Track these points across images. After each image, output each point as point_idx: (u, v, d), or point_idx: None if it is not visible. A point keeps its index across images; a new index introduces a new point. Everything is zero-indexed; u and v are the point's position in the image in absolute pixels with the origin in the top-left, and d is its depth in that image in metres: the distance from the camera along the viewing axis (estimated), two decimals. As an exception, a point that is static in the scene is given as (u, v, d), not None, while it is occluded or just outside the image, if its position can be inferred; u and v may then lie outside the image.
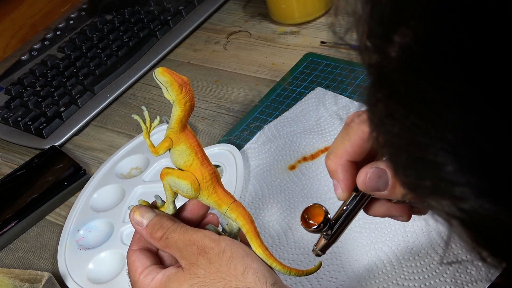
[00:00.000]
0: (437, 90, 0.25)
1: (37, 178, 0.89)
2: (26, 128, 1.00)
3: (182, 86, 0.49)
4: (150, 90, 1.03)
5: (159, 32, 1.10)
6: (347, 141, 0.48)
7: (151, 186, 0.82)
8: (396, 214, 0.50)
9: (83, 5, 1.28)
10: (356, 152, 0.48)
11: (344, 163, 0.48)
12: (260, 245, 0.51)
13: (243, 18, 1.12)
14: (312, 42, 1.00)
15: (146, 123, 0.53)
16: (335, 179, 0.49)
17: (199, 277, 0.48)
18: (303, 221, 0.49)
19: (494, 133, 0.24)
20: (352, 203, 0.49)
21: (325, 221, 0.48)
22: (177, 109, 0.50)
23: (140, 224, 0.52)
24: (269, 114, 0.89)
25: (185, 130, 0.51)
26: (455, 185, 0.26)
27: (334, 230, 0.50)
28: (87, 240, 0.79)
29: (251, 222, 0.51)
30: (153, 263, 0.52)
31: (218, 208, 0.52)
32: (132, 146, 0.90)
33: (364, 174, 0.46)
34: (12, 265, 0.81)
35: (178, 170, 0.51)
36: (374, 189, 0.47)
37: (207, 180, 0.51)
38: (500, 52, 0.24)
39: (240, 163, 0.80)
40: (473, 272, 0.61)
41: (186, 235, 0.50)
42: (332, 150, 0.49)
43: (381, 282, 0.64)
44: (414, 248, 0.65)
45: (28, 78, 1.10)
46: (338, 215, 0.50)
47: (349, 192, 0.49)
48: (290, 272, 0.51)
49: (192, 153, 0.51)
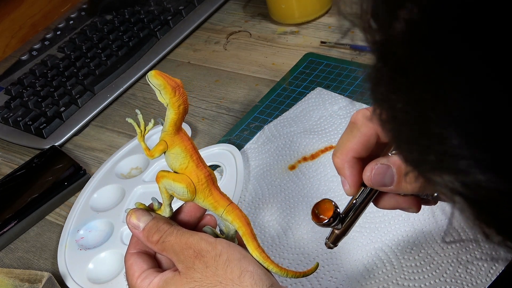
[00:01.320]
0: (443, 62, 0.25)
1: (37, 178, 0.89)
2: (26, 128, 1.00)
3: (175, 89, 0.49)
4: (150, 90, 1.03)
5: (159, 32, 1.10)
6: (353, 138, 0.49)
7: (151, 186, 0.82)
8: (405, 206, 0.51)
9: (83, 5, 1.28)
10: (362, 149, 0.49)
11: (350, 160, 0.49)
12: (257, 248, 0.51)
13: (243, 18, 1.12)
14: (312, 42, 1.00)
15: (141, 127, 0.53)
16: (342, 175, 0.50)
17: (195, 281, 0.48)
18: (314, 216, 0.50)
19: (500, 106, 0.24)
20: (362, 197, 0.51)
21: (335, 215, 0.50)
22: (171, 112, 0.50)
23: (136, 228, 0.52)
24: (269, 114, 0.89)
25: (180, 133, 0.51)
26: (459, 158, 0.25)
27: (345, 223, 0.51)
28: (87, 240, 0.79)
29: (248, 224, 0.51)
30: (150, 267, 0.52)
31: (214, 211, 0.52)
32: (132, 146, 0.90)
33: (369, 170, 0.48)
34: (12, 265, 0.81)
35: (174, 173, 0.51)
36: (380, 185, 0.48)
37: (202, 182, 0.51)
38: (507, 24, 0.23)
39: (240, 163, 0.80)
40: (473, 272, 0.61)
41: (183, 239, 0.50)
42: (339, 147, 0.50)
43: (381, 282, 0.64)
44: (414, 248, 0.65)
45: (28, 78, 1.10)
46: (348, 209, 0.51)
47: (356, 187, 0.50)
48: (287, 274, 0.51)
49: (187, 155, 0.51)
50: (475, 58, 0.24)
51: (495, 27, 0.24)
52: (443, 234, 0.64)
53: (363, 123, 0.49)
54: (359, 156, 0.49)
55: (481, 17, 0.24)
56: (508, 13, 0.23)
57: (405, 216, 0.68)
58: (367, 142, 0.49)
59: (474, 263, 0.62)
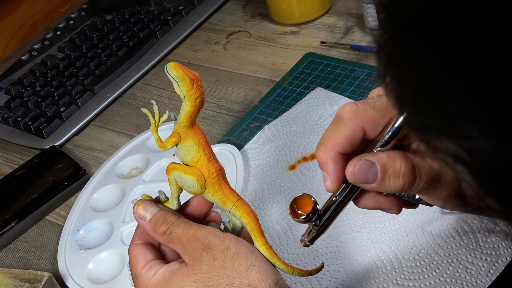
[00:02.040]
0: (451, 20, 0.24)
1: (37, 178, 0.89)
2: (26, 128, 1.00)
3: (193, 81, 0.49)
4: (150, 90, 1.03)
5: (159, 32, 1.10)
6: (338, 133, 0.48)
7: (151, 186, 0.82)
8: (386, 207, 0.50)
9: (83, 5, 1.28)
10: (347, 144, 0.47)
11: (334, 155, 0.48)
12: (264, 243, 0.51)
13: (243, 18, 1.12)
14: (312, 42, 1.00)
15: (155, 117, 0.52)
16: (325, 170, 0.48)
17: (202, 273, 0.48)
18: (292, 211, 0.48)
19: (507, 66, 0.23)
20: (342, 194, 0.49)
21: (313, 211, 0.48)
22: (187, 104, 0.50)
23: (143, 218, 0.51)
24: (269, 114, 0.89)
25: (194, 126, 0.51)
26: (463, 121, 0.25)
27: (322, 221, 0.49)
28: (87, 240, 0.79)
29: (256, 220, 0.51)
30: (155, 258, 0.51)
31: (223, 205, 0.52)
32: (132, 146, 0.90)
33: (353, 166, 0.46)
34: (12, 265, 0.81)
35: (185, 165, 0.51)
36: (363, 181, 0.46)
37: (213, 176, 0.51)
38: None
39: (240, 163, 0.80)
40: (473, 272, 0.61)
41: (190, 231, 0.50)
42: (323, 141, 0.48)
43: (381, 282, 0.64)
44: (414, 248, 0.65)
45: (28, 78, 1.10)
46: (327, 206, 0.49)
47: (338, 184, 0.48)
48: (293, 271, 0.51)
49: (200, 149, 0.50)
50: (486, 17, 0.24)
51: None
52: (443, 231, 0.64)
53: (350, 118, 0.47)
54: (344, 152, 0.48)
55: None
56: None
57: (405, 216, 0.68)
58: (353, 137, 0.47)
59: (474, 263, 0.62)
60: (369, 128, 0.47)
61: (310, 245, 0.51)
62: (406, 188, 0.46)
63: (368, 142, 0.48)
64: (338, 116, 0.48)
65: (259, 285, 0.47)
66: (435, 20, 0.25)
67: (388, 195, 0.50)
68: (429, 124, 0.27)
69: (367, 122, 0.47)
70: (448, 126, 0.26)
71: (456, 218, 0.66)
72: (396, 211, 0.50)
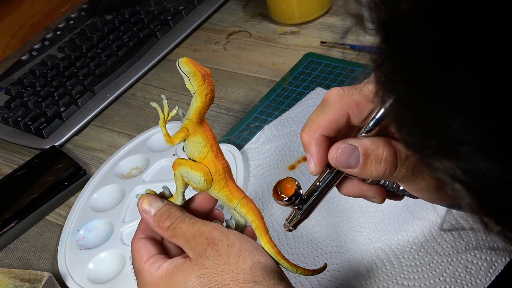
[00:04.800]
0: (449, 43, 0.25)
1: (37, 178, 0.89)
2: (26, 128, 1.00)
3: (205, 77, 0.49)
4: (150, 90, 1.03)
5: (159, 32, 1.10)
6: (323, 115, 0.48)
7: (151, 186, 0.82)
8: (369, 195, 0.50)
9: (83, 5, 1.28)
10: (331, 127, 0.48)
11: (318, 137, 0.48)
12: (269, 241, 0.51)
13: (243, 18, 1.12)
14: (312, 42, 1.00)
15: (164, 112, 0.52)
16: (308, 153, 0.48)
17: (207, 268, 0.47)
18: (275, 193, 0.49)
19: (506, 90, 0.23)
20: (326, 179, 0.49)
21: (296, 194, 0.48)
22: (197, 100, 0.50)
23: (147, 213, 0.51)
24: (269, 114, 0.89)
25: (203, 122, 0.51)
26: (461, 144, 0.25)
27: (306, 206, 0.50)
28: (87, 240, 0.79)
29: (261, 218, 0.52)
30: (158, 252, 0.51)
31: (229, 202, 0.52)
32: (132, 146, 0.90)
33: (335, 150, 0.46)
34: (12, 265, 0.81)
35: (192, 161, 0.51)
36: (345, 165, 0.46)
37: (220, 173, 0.51)
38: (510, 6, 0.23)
39: (240, 163, 0.80)
40: (472, 272, 0.62)
41: (195, 226, 0.50)
42: (307, 123, 0.49)
43: (381, 281, 0.64)
44: (414, 247, 0.65)
45: (28, 78, 1.10)
46: (310, 191, 0.50)
47: (321, 166, 0.48)
48: (297, 270, 0.51)
49: (208, 145, 0.50)
50: (483, 39, 0.24)
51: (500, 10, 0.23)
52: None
53: (335, 101, 0.48)
54: (328, 135, 0.48)
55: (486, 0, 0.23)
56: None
57: (405, 215, 0.68)
58: (337, 120, 0.48)
59: (474, 263, 0.62)
60: (353, 112, 0.48)
61: (293, 230, 0.52)
62: (388, 175, 0.46)
63: (353, 128, 0.49)
64: (324, 99, 0.49)
65: (263, 282, 0.47)
66: (432, 42, 0.25)
67: (372, 184, 0.50)
68: (426, 145, 0.27)
69: (352, 107, 0.48)
70: (445, 148, 0.26)
71: (456, 218, 0.66)
72: (380, 201, 0.50)
